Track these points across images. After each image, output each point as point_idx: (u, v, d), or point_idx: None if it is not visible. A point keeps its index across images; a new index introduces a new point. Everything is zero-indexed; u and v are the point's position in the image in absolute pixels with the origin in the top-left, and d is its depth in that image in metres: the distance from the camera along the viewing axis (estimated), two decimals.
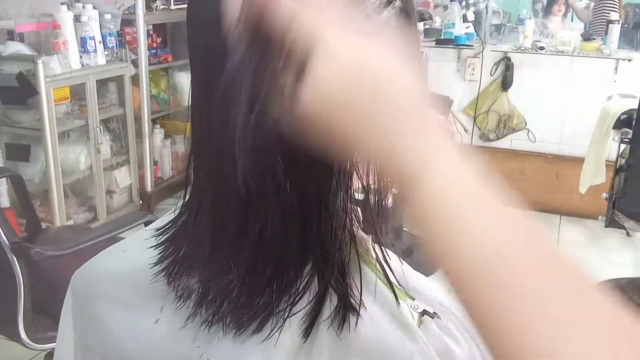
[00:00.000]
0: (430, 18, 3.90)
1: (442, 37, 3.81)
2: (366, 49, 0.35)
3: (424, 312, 0.45)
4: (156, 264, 0.50)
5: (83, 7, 2.96)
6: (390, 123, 0.34)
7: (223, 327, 0.46)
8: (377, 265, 0.47)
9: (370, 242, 0.48)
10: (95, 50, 2.95)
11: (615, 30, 3.46)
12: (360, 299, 0.45)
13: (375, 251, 0.47)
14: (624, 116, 2.83)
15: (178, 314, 0.48)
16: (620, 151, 2.85)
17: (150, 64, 3.41)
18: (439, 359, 0.43)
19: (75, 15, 2.88)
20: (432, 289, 0.50)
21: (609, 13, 3.63)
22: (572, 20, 3.83)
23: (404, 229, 3.38)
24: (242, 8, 0.38)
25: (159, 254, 0.50)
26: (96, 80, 2.96)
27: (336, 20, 0.36)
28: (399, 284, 0.48)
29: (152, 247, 0.51)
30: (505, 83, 3.77)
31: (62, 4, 2.86)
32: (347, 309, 0.44)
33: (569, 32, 3.70)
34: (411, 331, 0.44)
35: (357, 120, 0.35)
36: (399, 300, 0.46)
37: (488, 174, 0.34)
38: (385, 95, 0.35)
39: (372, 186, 0.45)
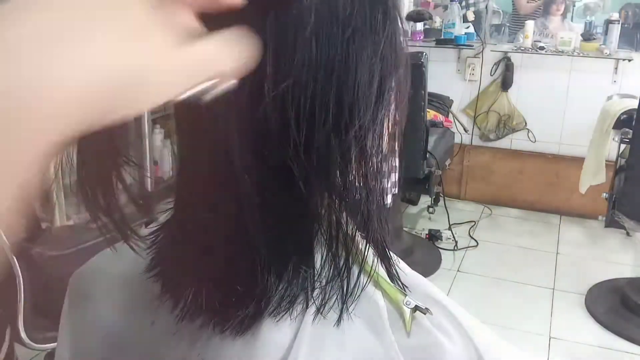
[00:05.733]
0: (430, 18, 3.90)
1: (442, 37, 3.81)
2: None
3: (416, 308, 0.46)
4: (151, 267, 0.50)
5: None
6: None
7: (213, 327, 0.46)
8: (367, 264, 0.47)
9: (360, 239, 0.48)
10: None
11: (615, 30, 3.46)
12: (344, 301, 0.45)
13: (366, 250, 0.47)
14: (624, 116, 2.83)
15: (170, 318, 0.48)
16: (620, 151, 2.85)
17: None
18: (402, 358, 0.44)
19: None
20: (426, 285, 0.51)
21: None
22: (572, 21, 3.83)
23: (404, 229, 3.39)
24: None
25: (153, 255, 0.50)
26: None
27: None
28: (391, 281, 0.48)
29: (147, 248, 0.51)
30: (505, 83, 3.77)
31: None
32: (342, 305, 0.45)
33: (569, 32, 3.70)
34: (382, 334, 0.45)
35: None
36: (384, 298, 0.46)
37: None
38: None
39: (371, 185, 0.45)
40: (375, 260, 0.48)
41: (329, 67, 0.39)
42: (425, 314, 0.46)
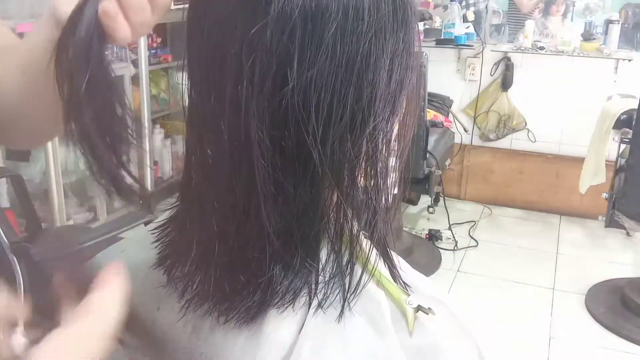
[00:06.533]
0: (430, 18, 3.90)
1: (442, 37, 3.81)
2: None
3: (419, 308, 0.46)
4: (157, 264, 0.50)
5: None
6: None
7: (217, 316, 0.46)
8: (370, 263, 0.48)
9: (363, 238, 0.48)
10: None
11: (615, 30, 3.46)
12: (346, 297, 0.45)
13: (369, 250, 0.48)
14: (624, 116, 2.83)
15: (173, 313, 0.48)
16: (620, 151, 2.85)
17: (150, 64, 3.40)
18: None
19: None
20: (429, 285, 0.51)
21: None
22: (572, 20, 3.83)
23: (404, 229, 3.39)
24: None
25: (158, 252, 0.51)
26: None
27: None
28: (393, 280, 0.48)
29: (153, 242, 0.51)
30: (505, 83, 3.77)
31: None
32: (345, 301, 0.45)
33: (569, 32, 3.70)
34: (384, 332, 0.45)
35: None
36: (387, 297, 0.47)
37: None
38: None
39: (373, 186, 0.46)
40: (377, 259, 0.48)
41: (350, 64, 0.40)
42: (427, 314, 0.46)
